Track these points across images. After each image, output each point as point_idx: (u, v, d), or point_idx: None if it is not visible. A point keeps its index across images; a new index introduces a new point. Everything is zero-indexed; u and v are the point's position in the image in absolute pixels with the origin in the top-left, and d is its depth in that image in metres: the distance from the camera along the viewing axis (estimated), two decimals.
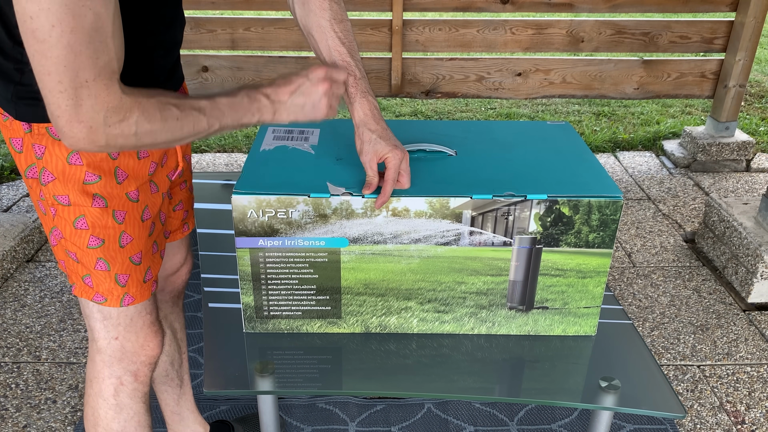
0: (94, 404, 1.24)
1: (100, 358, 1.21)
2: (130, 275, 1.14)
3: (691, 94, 3.48)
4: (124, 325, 1.19)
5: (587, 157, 1.28)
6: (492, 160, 1.26)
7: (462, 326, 1.25)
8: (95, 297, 1.14)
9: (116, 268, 1.12)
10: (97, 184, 1.06)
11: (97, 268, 1.11)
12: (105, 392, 1.22)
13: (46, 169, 1.04)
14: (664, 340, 2.21)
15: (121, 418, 1.24)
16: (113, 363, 1.21)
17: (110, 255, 1.11)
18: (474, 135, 1.37)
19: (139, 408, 1.26)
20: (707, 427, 1.87)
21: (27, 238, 2.59)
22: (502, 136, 1.37)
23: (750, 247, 2.38)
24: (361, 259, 1.18)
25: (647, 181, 3.37)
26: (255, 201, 1.12)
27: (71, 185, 1.05)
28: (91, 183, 1.06)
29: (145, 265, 1.17)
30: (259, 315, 1.24)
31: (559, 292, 1.21)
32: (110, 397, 1.23)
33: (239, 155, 3.61)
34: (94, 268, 1.11)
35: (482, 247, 1.17)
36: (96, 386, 1.23)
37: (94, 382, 1.23)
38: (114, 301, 1.14)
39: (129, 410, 1.24)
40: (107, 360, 1.20)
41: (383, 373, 1.17)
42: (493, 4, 3.23)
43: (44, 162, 1.03)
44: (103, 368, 1.21)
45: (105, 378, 1.22)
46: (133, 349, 1.21)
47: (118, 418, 1.24)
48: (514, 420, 1.85)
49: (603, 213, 1.14)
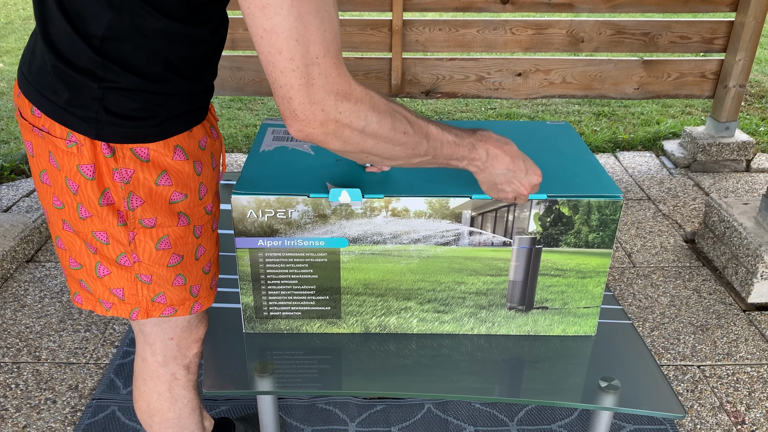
0: (148, 398, 1.27)
1: (155, 359, 1.21)
2: (201, 284, 1.13)
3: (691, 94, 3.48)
4: (182, 326, 1.19)
5: (587, 157, 1.28)
6: None
7: (462, 326, 1.25)
8: (165, 311, 1.11)
9: (191, 280, 1.11)
10: (183, 202, 1.03)
11: (174, 284, 1.09)
12: (160, 388, 1.25)
13: (134, 194, 0.99)
14: (664, 340, 2.21)
15: (176, 407, 1.27)
16: (168, 362, 1.22)
17: (187, 269, 1.09)
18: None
19: (191, 395, 1.29)
20: (707, 427, 1.87)
21: (27, 238, 2.59)
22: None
23: (750, 248, 2.38)
24: (360, 260, 1.18)
25: (647, 181, 3.36)
26: (255, 201, 1.12)
27: (159, 206, 1.01)
28: (176, 202, 1.03)
29: (213, 272, 1.16)
30: (259, 315, 1.24)
31: (558, 292, 1.21)
32: (165, 391, 1.25)
33: (239, 155, 3.61)
34: (171, 284, 1.09)
35: (482, 247, 1.17)
36: (150, 383, 1.25)
37: (148, 380, 1.25)
38: (185, 310, 1.13)
39: (183, 399, 1.27)
40: (161, 360, 1.22)
41: (383, 374, 1.17)
42: (493, 4, 3.23)
43: (132, 186, 0.98)
44: (157, 368, 1.23)
45: (160, 376, 1.23)
46: (187, 344, 1.22)
47: (173, 407, 1.27)
48: (514, 420, 1.85)
49: (603, 213, 1.14)
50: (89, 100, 0.93)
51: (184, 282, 1.10)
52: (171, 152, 0.99)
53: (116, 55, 0.90)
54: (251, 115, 4.22)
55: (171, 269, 1.07)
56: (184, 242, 1.07)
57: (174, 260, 1.07)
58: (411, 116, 0.92)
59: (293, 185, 1.14)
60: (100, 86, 0.92)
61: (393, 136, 0.90)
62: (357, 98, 0.84)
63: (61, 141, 0.96)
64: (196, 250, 1.09)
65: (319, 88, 0.80)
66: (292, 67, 0.79)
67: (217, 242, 1.17)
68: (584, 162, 1.25)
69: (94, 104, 0.93)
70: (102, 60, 0.90)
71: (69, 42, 0.90)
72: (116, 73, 0.91)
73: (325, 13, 0.79)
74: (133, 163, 0.97)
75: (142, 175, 0.98)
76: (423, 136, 0.93)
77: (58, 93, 0.94)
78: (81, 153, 0.95)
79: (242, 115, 4.21)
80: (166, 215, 1.02)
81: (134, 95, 0.93)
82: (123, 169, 0.97)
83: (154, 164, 0.98)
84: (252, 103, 4.43)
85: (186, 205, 1.04)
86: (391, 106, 0.90)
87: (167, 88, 0.95)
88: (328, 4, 0.79)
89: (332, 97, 0.82)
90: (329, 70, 0.81)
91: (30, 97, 0.98)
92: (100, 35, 0.89)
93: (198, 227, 1.08)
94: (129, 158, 0.97)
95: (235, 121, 4.10)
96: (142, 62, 0.92)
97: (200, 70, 1.00)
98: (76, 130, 0.94)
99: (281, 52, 0.78)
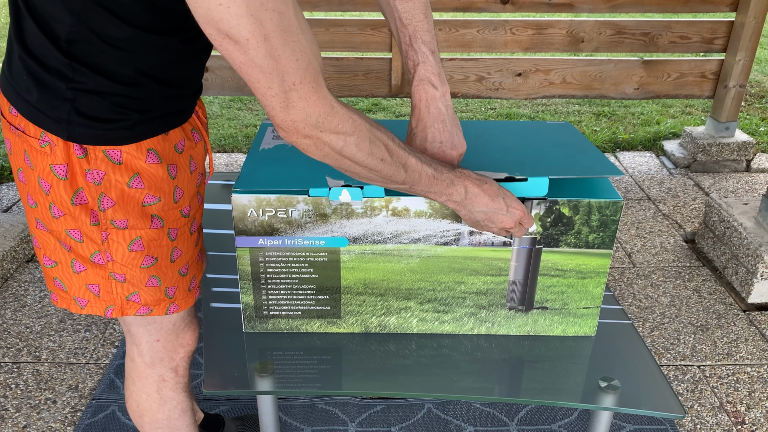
0: (137, 399, 1.27)
1: (142, 360, 1.22)
2: (178, 286, 1.14)
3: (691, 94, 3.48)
4: (167, 329, 1.20)
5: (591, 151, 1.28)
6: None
7: (462, 326, 1.25)
8: (140, 310, 1.11)
9: (166, 282, 1.11)
10: (156, 205, 1.04)
11: (148, 285, 1.09)
12: (148, 389, 1.25)
13: (105, 195, 0.99)
14: (664, 341, 2.21)
15: (165, 408, 1.28)
16: (155, 363, 1.23)
17: (162, 271, 1.10)
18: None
19: (181, 397, 1.29)
20: (707, 427, 1.87)
21: (27, 238, 2.59)
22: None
23: (750, 248, 2.38)
24: (360, 259, 1.18)
25: (647, 181, 3.36)
26: (255, 200, 1.12)
27: (131, 208, 1.01)
28: (149, 204, 1.03)
29: (191, 274, 1.16)
30: (259, 315, 1.24)
31: (558, 292, 1.21)
32: (154, 392, 1.26)
33: (239, 155, 3.61)
34: (145, 285, 1.09)
35: (482, 247, 1.17)
36: (139, 384, 1.25)
37: (136, 380, 1.25)
38: (160, 310, 1.13)
39: (172, 401, 1.28)
40: (149, 361, 1.22)
41: (383, 374, 1.17)
42: (493, 5, 3.23)
43: (103, 188, 0.99)
44: (144, 369, 1.23)
45: (147, 377, 1.24)
46: (173, 347, 1.23)
47: (163, 409, 1.28)
48: (514, 420, 1.85)
49: (603, 213, 1.14)
50: (61, 101, 0.93)
51: (158, 284, 1.10)
52: (144, 155, 0.99)
53: (83, 57, 0.90)
54: (251, 115, 4.22)
55: (144, 270, 1.07)
56: (158, 245, 1.07)
57: (147, 262, 1.07)
58: (392, 144, 0.94)
59: (294, 184, 1.14)
60: (69, 87, 0.92)
61: (369, 162, 0.92)
62: (338, 120, 0.87)
63: (35, 141, 0.96)
64: (171, 252, 1.09)
65: (299, 110, 0.84)
66: (271, 93, 0.82)
67: (196, 244, 1.16)
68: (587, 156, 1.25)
69: (65, 105, 0.93)
70: (70, 62, 0.90)
71: (39, 43, 0.91)
72: (84, 74, 0.91)
73: (295, 44, 0.81)
74: (105, 165, 0.97)
75: (113, 177, 0.98)
76: (401, 165, 0.95)
77: (31, 92, 0.94)
78: (54, 153, 0.96)
79: (242, 115, 4.21)
80: (138, 217, 1.02)
81: (104, 98, 0.93)
82: (95, 171, 0.97)
83: (127, 167, 0.98)
84: (252, 103, 4.43)
85: (160, 208, 1.04)
86: (373, 132, 0.91)
87: (139, 92, 0.94)
88: (296, 33, 0.81)
89: (313, 118, 0.85)
90: (308, 94, 0.83)
91: (8, 96, 0.98)
92: (65, 38, 0.89)
93: (173, 230, 1.08)
94: (101, 160, 0.97)
95: (235, 121, 4.10)
96: (112, 65, 0.92)
97: (177, 76, 0.99)
98: (49, 131, 0.95)
99: (259, 81, 0.81)
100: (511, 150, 1.30)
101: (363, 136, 0.90)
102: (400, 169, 0.95)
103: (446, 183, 1.01)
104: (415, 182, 0.98)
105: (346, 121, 0.88)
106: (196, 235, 1.16)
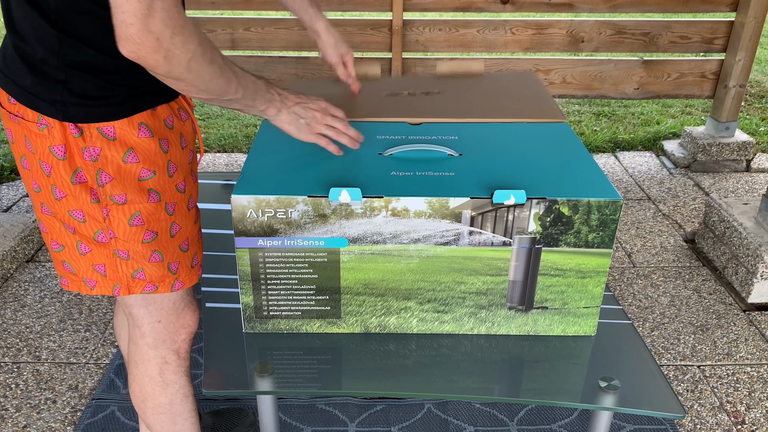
0: (140, 382, 1.29)
1: (144, 341, 1.25)
2: (180, 262, 1.18)
3: (691, 94, 3.48)
4: (167, 308, 1.23)
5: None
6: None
7: (461, 326, 1.25)
8: (146, 287, 1.16)
9: (168, 257, 1.16)
10: (152, 179, 1.08)
11: (151, 260, 1.14)
12: (151, 371, 1.27)
13: (103, 171, 1.04)
14: (664, 341, 2.21)
15: (167, 392, 1.30)
16: (157, 345, 1.25)
17: (163, 246, 1.14)
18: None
19: (183, 381, 1.31)
20: (707, 427, 1.87)
21: (27, 238, 2.59)
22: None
23: (750, 248, 2.38)
24: (360, 259, 1.18)
25: (647, 181, 3.36)
26: (254, 201, 1.12)
27: (128, 183, 1.06)
28: (145, 179, 1.08)
29: (192, 251, 1.21)
30: (259, 315, 1.24)
31: (558, 292, 1.21)
32: (156, 375, 1.28)
33: (239, 155, 3.61)
34: (149, 260, 1.13)
35: (482, 247, 1.17)
36: (142, 367, 1.28)
37: (139, 363, 1.27)
38: (165, 287, 1.17)
39: (174, 384, 1.30)
40: (151, 342, 1.25)
41: (383, 374, 1.17)
42: (493, 4, 3.23)
43: (100, 164, 1.04)
44: (147, 351, 1.26)
45: (150, 359, 1.26)
46: (175, 329, 1.26)
47: (165, 392, 1.29)
48: (514, 420, 1.85)
49: (602, 213, 1.14)
50: (53, 83, 0.99)
51: (161, 258, 1.15)
52: (136, 130, 1.04)
53: (72, 29, 0.96)
54: (251, 115, 4.22)
55: (146, 245, 1.12)
56: (157, 218, 1.11)
57: (148, 236, 1.12)
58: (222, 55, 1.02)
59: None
60: (59, 62, 0.98)
61: (210, 69, 0.99)
62: (189, 33, 0.93)
63: (33, 125, 1.02)
64: (170, 227, 1.14)
65: (158, 20, 0.88)
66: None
67: (195, 222, 1.21)
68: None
69: (58, 87, 0.99)
70: (58, 33, 0.96)
71: (29, 24, 0.97)
72: (72, 46, 0.97)
73: None
74: (100, 142, 1.03)
75: (109, 153, 1.04)
76: (233, 73, 1.04)
77: (26, 78, 1.00)
78: (52, 135, 1.02)
79: (242, 115, 4.21)
80: (136, 192, 1.07)
81: (93, 74, 0.99)
82: (91, 148, 1.03)
83: (121, 142, 1.04)
84: None
85: (156, 182, 1.09)
86: (212, 44, 1.00)
87: (126, 64, 0.98)
88: None
89: (169, 30, 0.90)
90: (170, 6, 0.89)
91: (5, 86, 1.04)
92: (55, 8, 0.94)
93: (170, 204, 1.13)
94: (96, 137, 1.02)
95: (235, 121, 4.10)
96: (99, 36, 0.97)
97: None
98: (45, 114, 1.01)
99: None
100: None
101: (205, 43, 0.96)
102: (233, 77, 1.04)
103: (264, 89, 1.13)
104: (242, 90, 1.06)
105: (194, 33, 0.94)
106: (195, 213, 1.20)
